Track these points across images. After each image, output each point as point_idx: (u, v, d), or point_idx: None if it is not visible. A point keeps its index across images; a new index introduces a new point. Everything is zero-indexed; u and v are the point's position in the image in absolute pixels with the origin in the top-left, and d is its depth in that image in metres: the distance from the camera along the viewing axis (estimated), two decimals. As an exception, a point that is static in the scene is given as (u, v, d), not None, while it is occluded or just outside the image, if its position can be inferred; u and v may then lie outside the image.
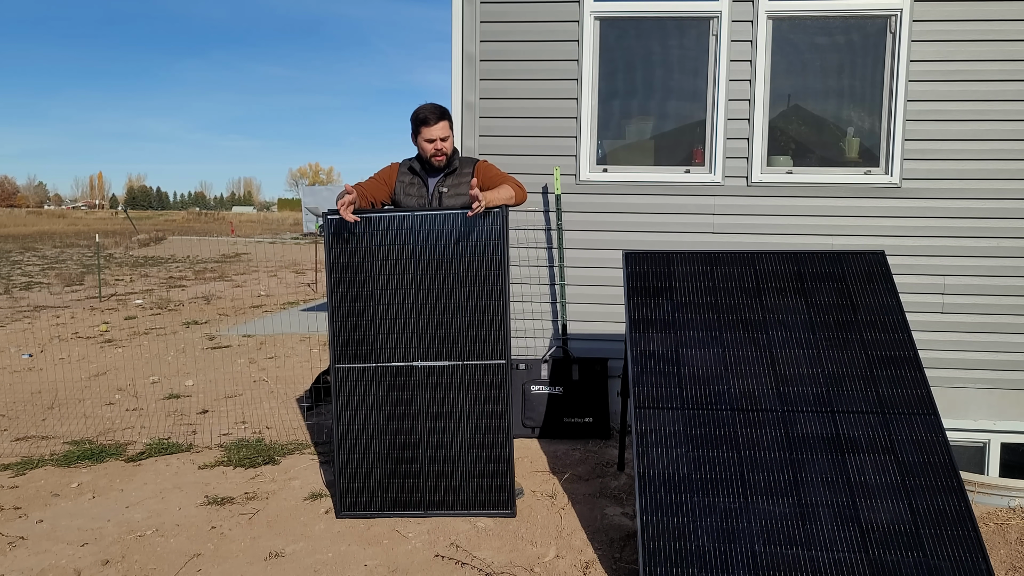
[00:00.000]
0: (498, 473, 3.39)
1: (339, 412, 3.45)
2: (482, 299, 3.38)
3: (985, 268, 4.62)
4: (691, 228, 4.77)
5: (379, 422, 3.43)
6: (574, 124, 4.79)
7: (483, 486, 3.39)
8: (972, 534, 2.61)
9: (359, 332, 3.43)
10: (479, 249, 3.39)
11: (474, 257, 3.39)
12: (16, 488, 3.89)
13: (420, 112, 3.49)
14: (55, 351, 8.02)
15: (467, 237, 3.39)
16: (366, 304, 3.43)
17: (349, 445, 3.45)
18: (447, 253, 3.40)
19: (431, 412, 3.41)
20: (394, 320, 3.41)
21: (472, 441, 3.39)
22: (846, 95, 4.78)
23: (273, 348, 8.06)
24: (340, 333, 3.43)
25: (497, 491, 3.39)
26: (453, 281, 3.40)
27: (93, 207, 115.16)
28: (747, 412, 2.99)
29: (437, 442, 3.41)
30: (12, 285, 14.98)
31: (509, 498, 3.39)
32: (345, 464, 3.45)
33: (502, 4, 4.76)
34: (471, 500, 3.40)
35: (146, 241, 30.63)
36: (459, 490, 3.40)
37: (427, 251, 3.40)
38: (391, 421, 3.43)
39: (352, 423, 3.44)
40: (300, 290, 14.44)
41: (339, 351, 3.43)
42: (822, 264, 3.44)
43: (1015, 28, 4.49)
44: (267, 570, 2.97)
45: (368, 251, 3.42)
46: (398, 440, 3.43)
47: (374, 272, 3.42)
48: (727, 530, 2.67)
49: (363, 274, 3.42)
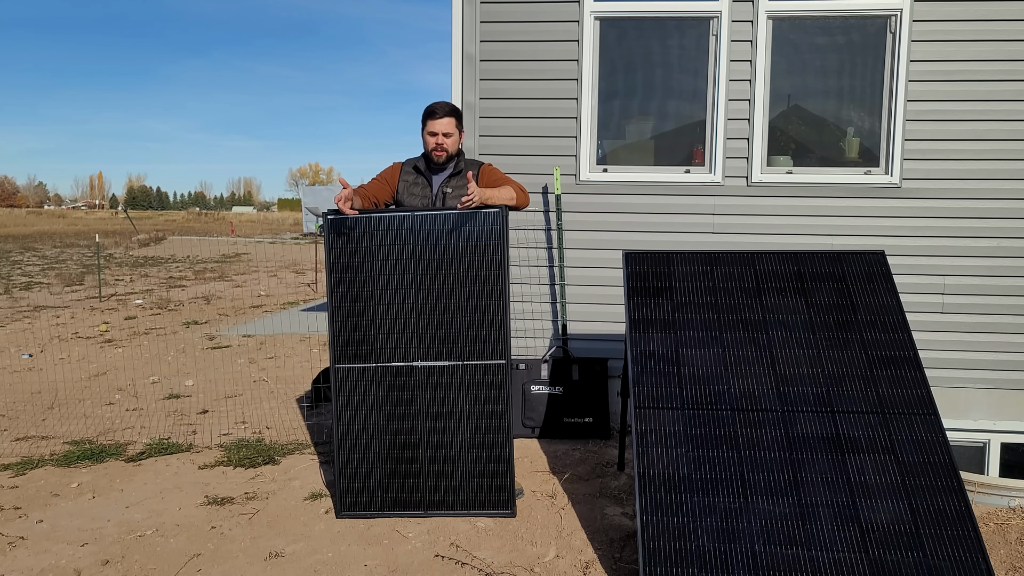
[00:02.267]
0: (498, 473, 3.38)
1: (339, 412, 3.45)
2: (482, 299, 3.38)
3: (985, 268, 4.62)
4: (691, 228, 4.77)
5: (379, 422, 3.43)
6: (574, 124, 4.79)
7: (483, 486, 3.39)
8: (972, 534, 2.61)
9: (359, 332, 3.43)
10: (479, 249, 3.38)
11: (474, 257, 3.38)
12: (16, 488, 3.89)
13: (430, 105, 3.54)
14: (55, 351, 8.02)
15: (467, 237, 3.38)
16: (366, 304, 3.42)
17: (349, 445, 3.45)
18: (447, 253, 3.39)
19: (431, 412, 3.41)
20: (394, 320, 3.41)
21: (472, 441, 3.39)
22: (846, 95, 4.78)
23: (273, 348, 8.06)
24: (340, 333, 3.43)
25: (497, 491, 3.39)
26: (453, 281, 3.39)
27: (93, 207, 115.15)
28: (747, 412, 2.99)
29: (437, 442, 3.41)
30: (12, 285, 14.98)
31: (509, 498, 3.38)
32: (345, 464, 3.45)
33: (502, 4, 4.76)
34: (471, 500, 3.40)
35: (146, 241, 30.62)
36: (459, 490, 3.40)
37: (427, 251, 3.40)
38: (391, 421, 3.43)
39: (352, 423, 3.44)
40: (300, 290, 14.44)
41: (339, 351, 3.43)
42: (822, 264, 3.44)
43: (1015, 28, 4.49)
44: (267, 570, 2.97)
45: (368, 251, 3.42)
46: (398, 440, 3.42)
47: (374, 272, 3.41)
48: (727, 530, 2.67)
49: (363, 274, 3.42)
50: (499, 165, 4.55)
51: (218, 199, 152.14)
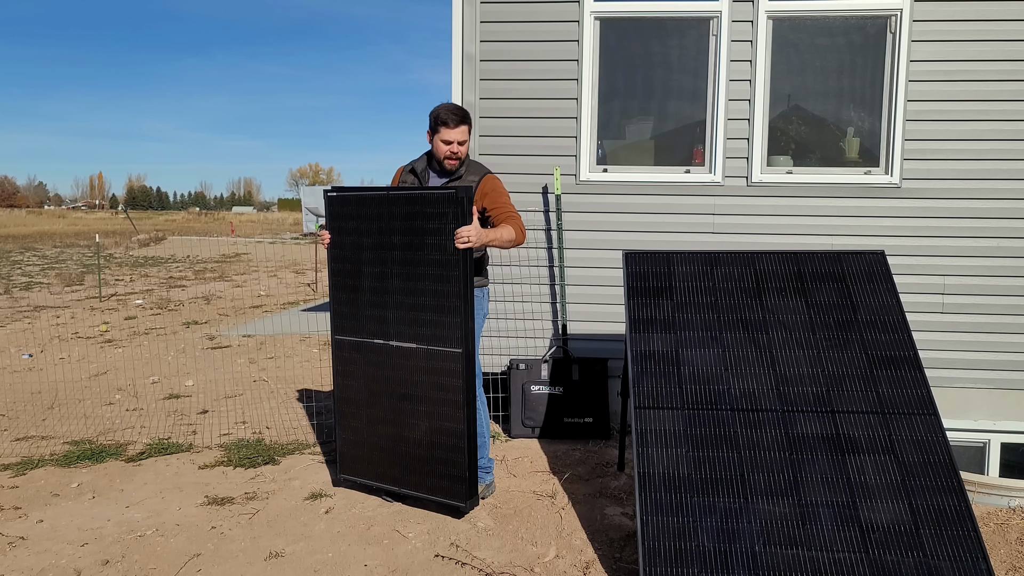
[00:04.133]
0: (454, 463, 3.35)
1: (337, 379, 3.67)
2: (445, 283, 3.30)
3: (985, 268, 4.62)
4: (691, 228, 4.77)
5: (365, 394, 3.59)
6: (574, 124, 4.79)
7: (441, 472, 3.38)
8: (972, 534, 2.61)
9: (349, 307, 3.60)
10: (443, 232, 3.27)
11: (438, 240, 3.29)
12: (16, 488, 3.89)
13: (441, 112, 3.45)
14: (55, 351, 8.02)
15: (431, 218, 3.28)
16: (353, 281, 3.57)
17: (346, 412, 3.67)
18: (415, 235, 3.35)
19: (401, 393, 3.48)
20: (374, 298, 3.51)
21: (434, 427, 3.39)
22: (846, 95, 4.78)
23: (273, 348, 8.06)
24: (336, 305, 3.64)
25: (453, 480, 3.35)
26: (420, 264, 3.36)
27: (93, 207, 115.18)
28: (747, 412, 2.99)
29: (406, 423, 3.48)
30: (12, 285, 14.98)
31: (463, 489, 3.32)
32: (344, 429, 3.68)
33: (502, 4, 4.76)
34: (432, 484, 3.42)
35: (146, 241, 30.62)
36: (422, 473, 3.44)
37: (401, 231, 3.38)
38: (373, 396, 3.57)
39: (347, 391, 3.65)
40: (300, 290, 14.44)
41: (336, 323, 3.65)
42: (822, 264, 3.44)
43: (1015, 28, 4.49)
44: (267, 570, 2.97)
45: (354, 229, 3.53)
46: (376, 415, 3.57)
47: (358, 250, 3.53)
48: (727, 530, 2.67)
49: (350, 252, 3.56)
50: (499, 165, 4.57)
51: (218, 199, 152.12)
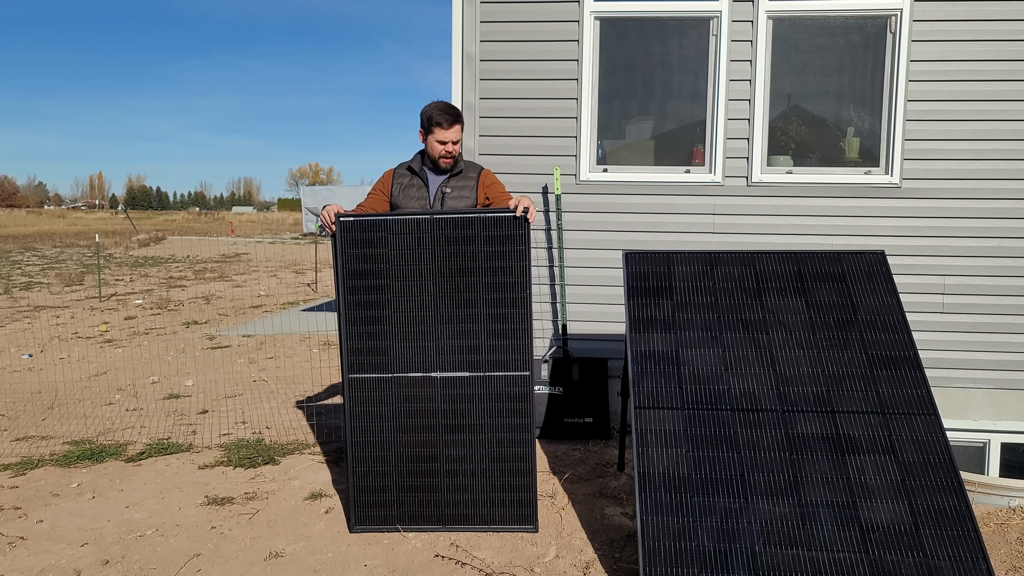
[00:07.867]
0: (520, 487, 3.26)
1: (352, 423, 3.30)
2: (503, 307, 3.24)
3: (985, 268, 4.62)
4: (691, 228, 4.77)
5: (395, 434, 3.28)
6: (574, 124, 4.79)
7: (504, 500, 3.26)
8: (972, 534, 2.61)
9: (373, 341, 3.27)
10: (500, 255, 3.23)
11: (494, 263, 3.23)
12: (16, 488, 3.89)
13: (435, 113, 3.43)
14: (55, 351, 8.02)
15: (488, 242, 3.23)
16: (381, 312, 3.26)
17: (362, 457, 3.29)
18: (466, 258, 3.24)
19: (450, 424, 3.27)
20: (411, 329, 3.27)
21: (493, 454, 3.26)
22: (846, 95, 4.78)
23: (273, 348, 8.06)
24: (353, 341, 3.27)
25: (520, 505, 3.25)
26: (473, 289, 3.24)
27: (93, 207, 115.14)
28: (747, 412, 2.99)
29: (457, 455, 3.28)
30: (12, 285, 14.98)
31: (531, 512, 3.25)
32: (359, 477, 3.29)
33: (502, 4, 4.76)
34: (492, 515, 3.26)
35: (146, 241, 30.62)
36: (479, 504, 3.27)
37: (445, 256, 3.26)
38: (407, 433, 3.28)
39: (366, 434, 3.29)
40: (300, 290, 14.44)
41: (352, 360, 3.28)
42: (822, 264, 3.44)
43: (1015, 28, 4.49)
44: (267, 570, 2.97)
45: (381, 256, 3.25)
46: (415, 453, 3.28)
47: (389, 279, 3.25)
48: (727, 530, 2.67)
49: (377, 280, 3.25)
50: (499, 165, 4.57)
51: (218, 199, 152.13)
